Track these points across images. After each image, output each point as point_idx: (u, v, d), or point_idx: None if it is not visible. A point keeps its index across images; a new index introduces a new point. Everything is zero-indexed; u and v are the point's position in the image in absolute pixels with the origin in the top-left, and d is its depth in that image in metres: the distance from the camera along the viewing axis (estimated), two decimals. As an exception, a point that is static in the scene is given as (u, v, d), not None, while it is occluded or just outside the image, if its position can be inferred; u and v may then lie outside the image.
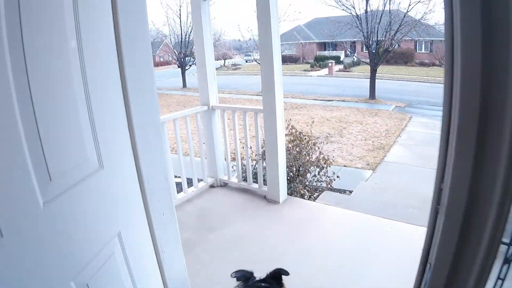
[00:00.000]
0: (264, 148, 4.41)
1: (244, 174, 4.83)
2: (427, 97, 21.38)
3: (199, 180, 4.86)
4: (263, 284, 2.01)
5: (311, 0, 60.10)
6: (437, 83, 27.72)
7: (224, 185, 4.97)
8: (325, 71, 35.08)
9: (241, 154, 4.75)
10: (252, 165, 4.76)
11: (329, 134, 12.01)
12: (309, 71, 36.65)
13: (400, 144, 11.16)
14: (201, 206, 4.50)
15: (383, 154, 9.97)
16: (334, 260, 3.37)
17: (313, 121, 9.66)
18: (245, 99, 20.68)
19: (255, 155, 4.53)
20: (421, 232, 3.49)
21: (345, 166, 8.79)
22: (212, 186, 4.94)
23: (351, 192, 6.64)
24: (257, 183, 4.65)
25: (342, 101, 19.85)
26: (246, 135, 4.50)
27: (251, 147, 4.70)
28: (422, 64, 36.96)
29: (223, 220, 4.14)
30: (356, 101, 19.63)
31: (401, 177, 8.33)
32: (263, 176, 4.57)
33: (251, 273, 2.10)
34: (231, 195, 4.73)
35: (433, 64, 36.38)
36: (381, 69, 21.40)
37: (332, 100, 19.98)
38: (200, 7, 4.30)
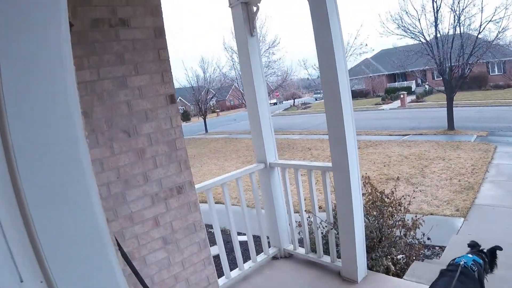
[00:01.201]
0: (335, 214, 3.55)
1: (312, 243, 3.97)
2: (509, 122, 19.42)
3: (258, 252, 4.06)
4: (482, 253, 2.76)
5: (376, 31, 59.51)
6: (516, 105, 25.44)
7: (289, 256, 4.14)
8: (397, 103, 34.10)
9: (308, 218, 3.93)
10: (322, 233, 3.89)
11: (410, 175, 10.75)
12: (380, 104, 35.99)
13: (490, 182, 9.66)
14: (259, 287, 3.67)
15: (473, 196, 8.56)
16: None
17: (398, 177, 8.49)
18: (316, 139, 19.75)
19: (326, 222, 3.66)
20: None
21: (431, 214, 7.54)
22: (275, 258, 4.13)
23: (442, 249, 5.47)
24: (328, 255, 3.77)
25: (419, 134, 18.23)
26: (313, 198, 3.68)
27: (319, 211, 3.84)
28: (497, 86, 35.08)
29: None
30: (434, 134, 17.94)
31: (498, 224, 6.95)
32: (336, 247, 3.68)
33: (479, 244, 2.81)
34: (298, 271, 3.87)
35: (509, 86, 34.00)
36: (455, 96, 19.66)
37: (408, 135, 18.41)
38: (247, 43, 3.68)
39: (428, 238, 4.46)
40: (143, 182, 2.78)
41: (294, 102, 49.33)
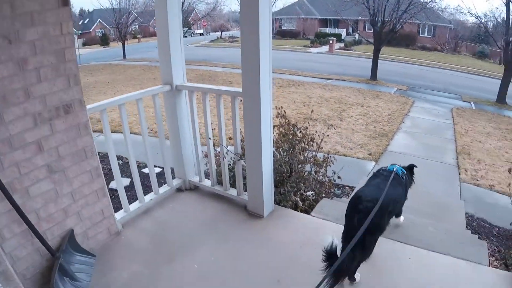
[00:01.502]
0: (244, 145, 3.30)
1: (219, 175, 3.73)
2: (429, 81, 20.70)
3: (161, 184, 3.75)
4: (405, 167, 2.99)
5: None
6: (439, 68, 27.07)
7: (195, 188, 3.89)
8: (325, 48, 34.49)
9: (215, 148, 3.66)
10: (229, 164, 3.65)
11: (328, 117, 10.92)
12: (309, 47, 36.21)
13: (404, 132, 10.17)
14: (162, 220, 3.41)
15: (386, 143, 8.92)
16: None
17: (312, 111, 8.51)
18: (239, 74, 19.12)
19: (233, 153, 3.41)
20: (449, 265, 2.82)
21: (344, 155, 7.70)
22: (179, 190, 3.86)
23: (352, 189, 5.58)
24: (235, 188, 3.57)
25: (342, 80, 18.74)
26: (221, 126, 3.37)
27: (229, 143, 3.58)
28: (424, 48, 37.14)
29: (188, 243, 3.08)
30: (357, 81, 18.53)
31: (407, 171, 7.32)
32: (244, 180, 3.47)
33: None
34: (202, 204, 3.64)
35: (435, 49, 36.00)
36: (382, 50, 20.46)
37: (332, 79, 18.83)
38: None
39: (339, 177, 4.46)
40: (24, 98, 2.29)
41: (221, 34, 47.79)
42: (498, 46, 19.22)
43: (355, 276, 2.54)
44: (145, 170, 4.85)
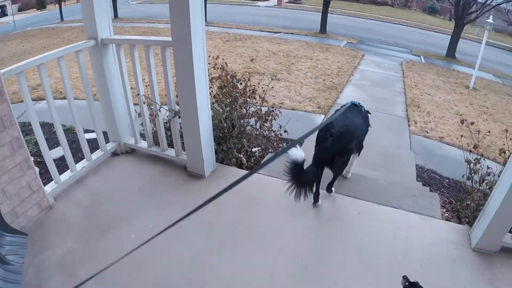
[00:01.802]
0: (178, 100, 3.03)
1: (156, 135, 3.47)
2: (379, 35, 20.83)
3: (93, 149, 3.44)
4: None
5: None
6: (389, 22, 27.27)
7: (131, 151, 3.62)
8: (274, 1, 33.75)
9: (150, 107, 3.38)
10: (166, 123, 3.39)
11: (276, 70, 10.69)
12: (257, 1, 35.12)
13: (353, 85, 10.18)
14: (96, 189, 3.14)
15: (335, 95, 8.89)
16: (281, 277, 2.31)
17: (252, 60, 8.20)
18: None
19: (167, 109, 3.15)
20: (401, 219, 2.80)
21: (293, 109, 7.58)
22: (115, 154, 3.57)
23: (300, 144, 5.48)
24: (174, 147, 3.33)
25: (291, 33, 18.36)
26: (152, 81, 3.08)
27: (164, 102, 3.29)
28: (374, 2, 37.23)
29: (124, 212, 2.87)
30: (306, 35, 18.20)
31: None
32: (181, 138, 3.24)
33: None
34: (139, 168, 3.41)
35: (385, 4, 36.14)
36: (332, 4, 20.16)
37: (280, 32, 18.41)
38: None
39: (285, 131, 4.30)
40: None
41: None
42: (450, 2, 19.43)
43: (332, 188, 3.00)
44: (88, 136, 4.50)
